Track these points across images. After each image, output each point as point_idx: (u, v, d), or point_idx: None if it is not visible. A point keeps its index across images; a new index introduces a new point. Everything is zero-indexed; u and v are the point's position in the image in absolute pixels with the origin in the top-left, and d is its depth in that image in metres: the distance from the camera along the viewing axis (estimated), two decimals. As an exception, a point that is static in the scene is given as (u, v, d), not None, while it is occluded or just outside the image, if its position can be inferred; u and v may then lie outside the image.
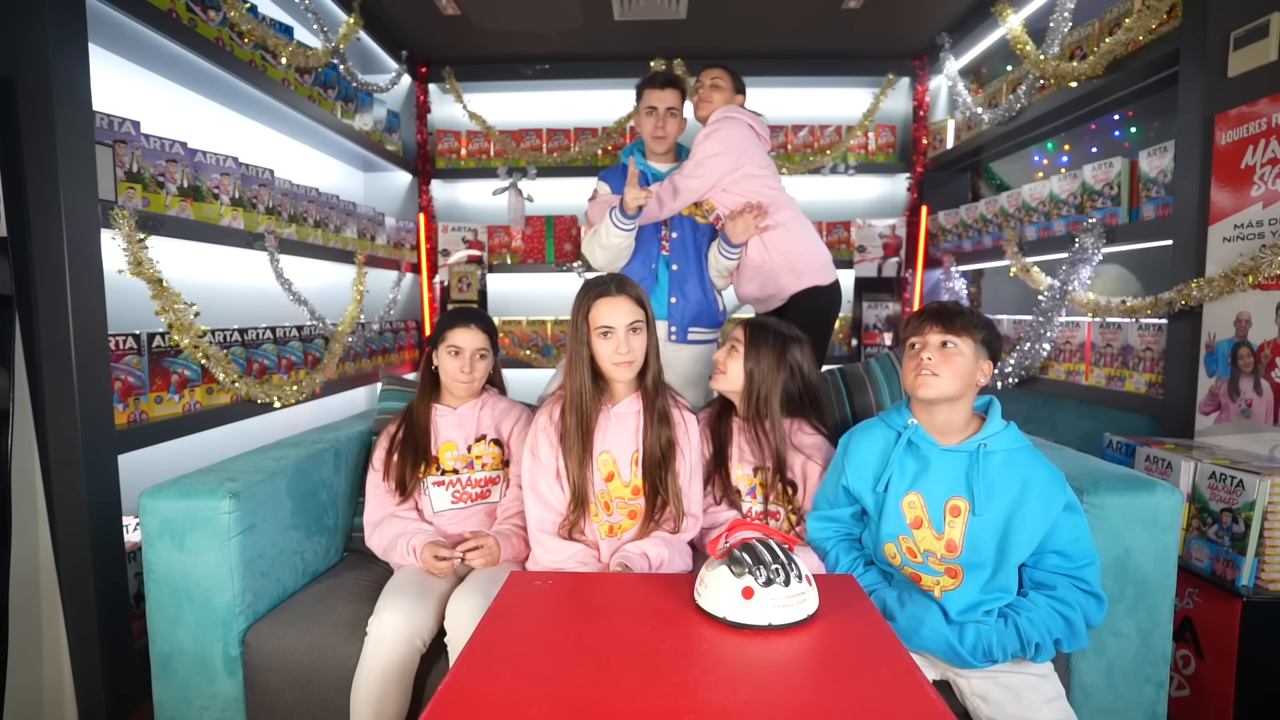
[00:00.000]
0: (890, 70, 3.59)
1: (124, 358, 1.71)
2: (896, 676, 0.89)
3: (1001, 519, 1.23)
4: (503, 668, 0.90)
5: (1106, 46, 2.16)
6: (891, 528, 1.30)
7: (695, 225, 2.15)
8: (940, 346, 1.26)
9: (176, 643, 1.36)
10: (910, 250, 3.58)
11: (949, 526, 1.25)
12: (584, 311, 1.43)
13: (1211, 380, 1.80)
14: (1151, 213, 2.08)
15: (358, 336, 2.88)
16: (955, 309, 1.28)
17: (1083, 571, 1.22)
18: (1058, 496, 1.22)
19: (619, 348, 1.40)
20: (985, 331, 1.27)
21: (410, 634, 1.31)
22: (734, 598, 1.02)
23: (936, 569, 1.26)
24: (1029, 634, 1.19)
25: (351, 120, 2.98)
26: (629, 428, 1.47)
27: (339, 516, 1.72)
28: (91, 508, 1.55)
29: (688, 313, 2.12)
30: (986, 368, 1.28)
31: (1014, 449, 1.27)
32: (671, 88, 2.11)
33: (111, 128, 1.73)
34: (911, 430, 1.30)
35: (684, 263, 2.13)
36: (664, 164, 2.19)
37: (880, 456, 1.34)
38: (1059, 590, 1.22)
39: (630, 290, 1.43)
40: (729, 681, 0.88)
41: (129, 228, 1.67)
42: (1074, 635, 1.20)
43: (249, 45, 2.22)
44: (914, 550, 1.28)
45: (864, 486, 1.35)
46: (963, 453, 1.27)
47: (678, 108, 2.12)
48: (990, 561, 1.23)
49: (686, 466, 1.47)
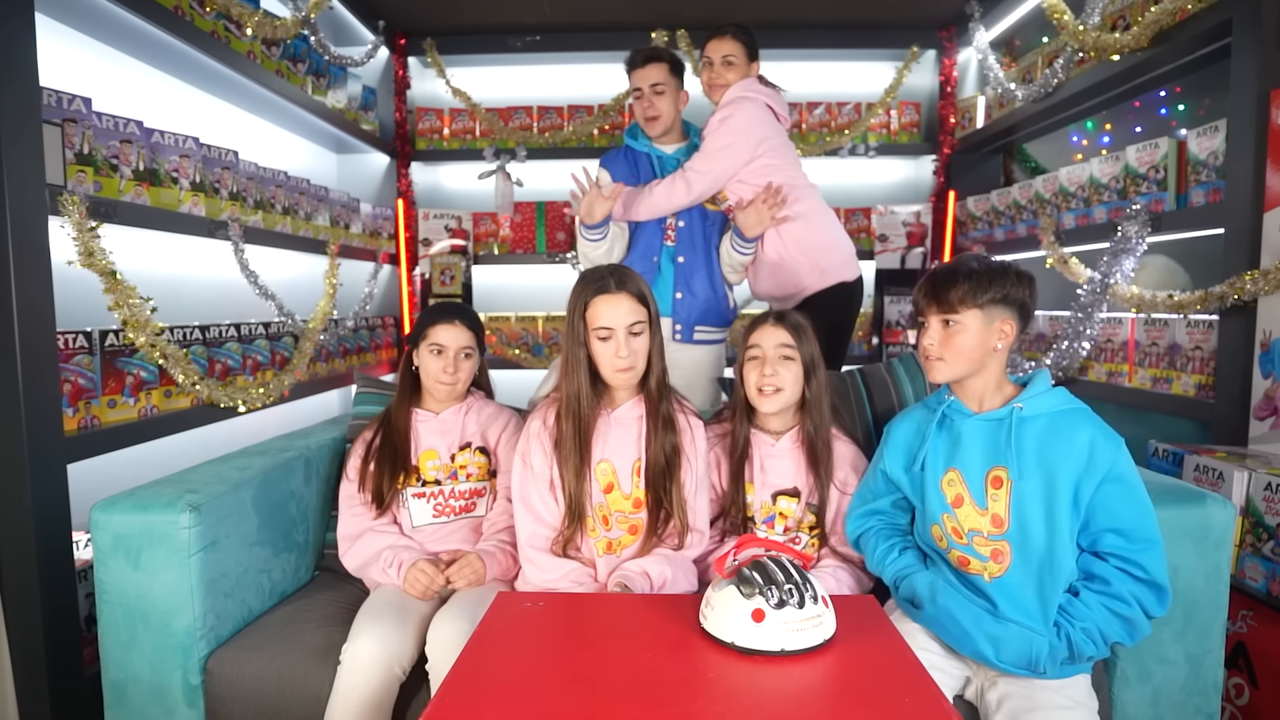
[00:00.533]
0: (914, 42, 3.59)
1: (74, 358, 1.71)
2: (921, 707, 0.89)
3: (1046, 485, 1.24)
4: (489, 698, 0.91)
5: (1152, 16, 2.15)
6: (935, 509, 1.33)
7: (705, 213, 2.13)
8: (943, 326, 1.29)
9: (131, 670, 1.36)
10: (937, 239, 3.59)
11: (992, 500, 1.28)
12: (581, 309, 1.42)
13: (1267, 383, 1.80)
14: (1201, 198, 2.08)
15: (330, 334, 2.88)
16: (950, 278, 1.28)
17: (1141, 556, 1.21)
18: (1103, 458, 1.22)
19: (618, 351, 1.39)
20: (994, 290, 1.27)
21: (389, 661, 1.31)
22: (743, 621, 1.02)
23: (982, 551, 1.28)
24: (1082, 648, 1.20)
25: (323, 97, 2.98)
26: (630, 434, 1.47)
27: (309, 532, 1.72)
28: (38, 522, 1.55)
29: (695, 310, 2.10)
30: (1009, 327, 1.28)
31: (1059, 411, 1.27)
32: (654, 62, 2.08)
33: (60, 105, 1.73)
34: (947, 405, 1.34)
35: (691, 255, 2.11)
36: (670, 145, 2.18)
37: (918, 435, 1.39)
38: (1113, 585, 1.21)
39: (632, 286, 1.42)
40: (737, 713, 0.88)
41: (79, 215, 1.67)
42: (1134, 632, 1.21)
43: (211, 15, 2.22)
44: (959, 530, 1.31)
45: (899, 468, 1.40)
46: (995, 420, 1.29)
47: (664, 83, 2.09)
48: (1041, 536, 1.23)
49: (693, 477, 1.47)
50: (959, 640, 1.25)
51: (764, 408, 1.51)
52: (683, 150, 2.17)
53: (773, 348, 1.49)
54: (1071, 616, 1.22)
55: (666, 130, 2.14)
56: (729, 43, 2.11)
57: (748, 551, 1.12)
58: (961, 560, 1.31)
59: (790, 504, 1.50)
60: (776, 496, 1.51)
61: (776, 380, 1.47)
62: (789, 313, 1.54)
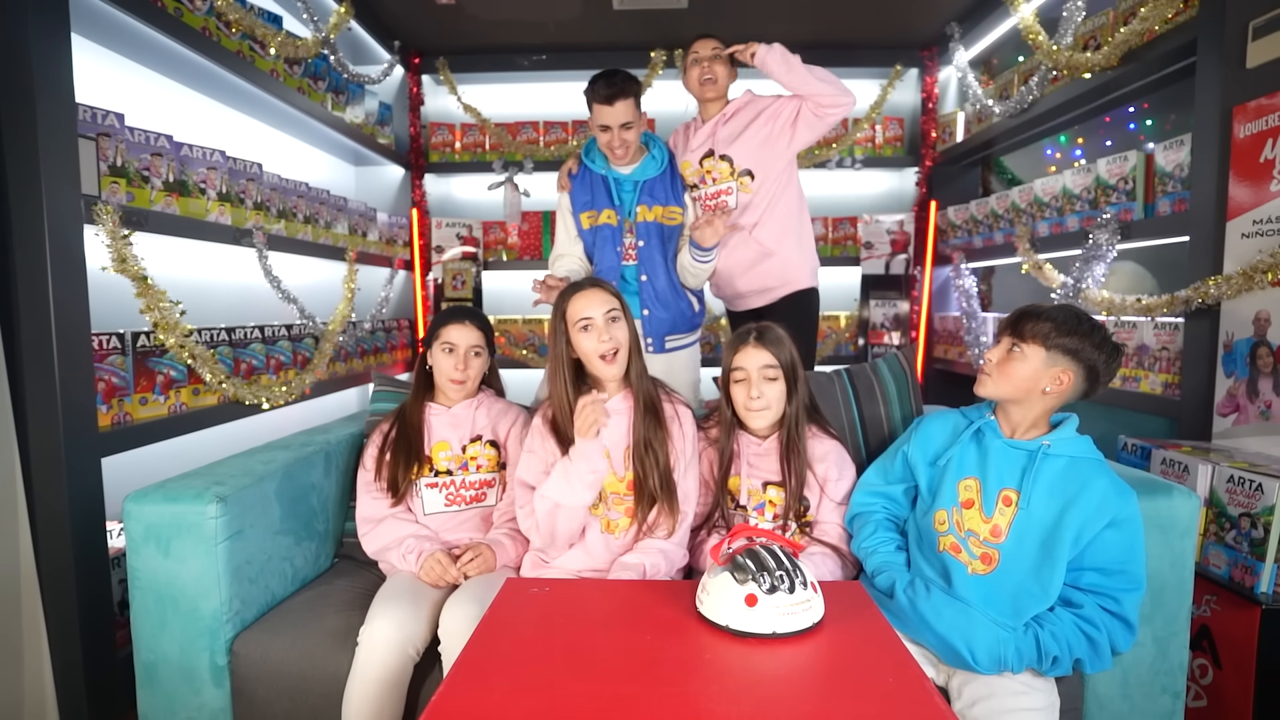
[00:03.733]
0: (898, 61, 3.59)
1: (107, 358, 1.71)
2: (904, 686, 0.89)
3: (1051, 520, 1.24)
4: (498, 677, 0.91)
5: (1121, 37, 2.16)
6: (946, 501, 1.34)
7: (662, 229, 2.06)
8: (1008, 349, 1.29)
9: (161, 652, 1.36)
10: (919, 246, 3.58)
11: (998, 513, 1.28)
12: (561, 312, 1.47)
13: (1230, 381, 1.80)
14: (1168, 208, 2.08)
15: (349, 336, 2.88)
16: (1037, 313, 1.28)
17: (1118, 594, 1.22)
18: (1110, 507, 1.22)
19: (600, 336, 1.43)
20: (1069, 340, 1.25)
21: (403, 642, 1.31)
22: (737, 605, 1.02)
23: (975, 550, 1.29)
24: (1048, 647, 1.19)
25: (342, 113, 2.98)
26: (622, 423, 1.50)
27: (329, 521, 1.72)
28: (74, 513, 1.55)
29: (663, 324, 2.07)
30: (1066, 378, 1.26)
31: (1080, 457, 1.27)
32: (622, 99, 1.93)
33: (95, 120, 1.73)
34: (985, 422, 1.35)
35: (653, 272, 2.04)
36: (627, 166, 2.07)
37: (949, 435, 1.40)
38: (1086, 609, 1.22)
39: (603, 285, 1.49)
40: (732, 692, 0.88)
41: (113, 223, 1.67)
42: (1097, 657, 1.21)
43: (236, 35, 2.22)
44: (960, 524, 1.31)
45: (923, 458, 1.41)
46: (1023, 450, 1.29)
47: (633, 120, 1.97)
48: (1031, 560, 1.23)
49: (682, 461, 1.49)
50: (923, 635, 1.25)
51: (753, 424, 1.51)
52: (639, 168, 2.06)
53: (756, 370, 1.48)
54: (1042, 621, 1.22)
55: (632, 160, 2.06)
56: (714, 40, 2.09)
57: (741, 540, 1.12)
58: (953, 547, 1.31)
59: (779, 493, 1.50)
60: (766, 485, 1.51)
61: (762, 401, 1.47)
62: (766, 328, 1.52)
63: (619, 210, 2.05)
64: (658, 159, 2.09)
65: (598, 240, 2.07)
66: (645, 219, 2.04)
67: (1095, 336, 1.25)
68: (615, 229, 2.05)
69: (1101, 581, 1.23)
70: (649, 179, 2.06)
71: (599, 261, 2.06)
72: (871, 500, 1.46)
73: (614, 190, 2.05)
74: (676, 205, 2.07)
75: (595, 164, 2.09)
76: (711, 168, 2.10)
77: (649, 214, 2.03)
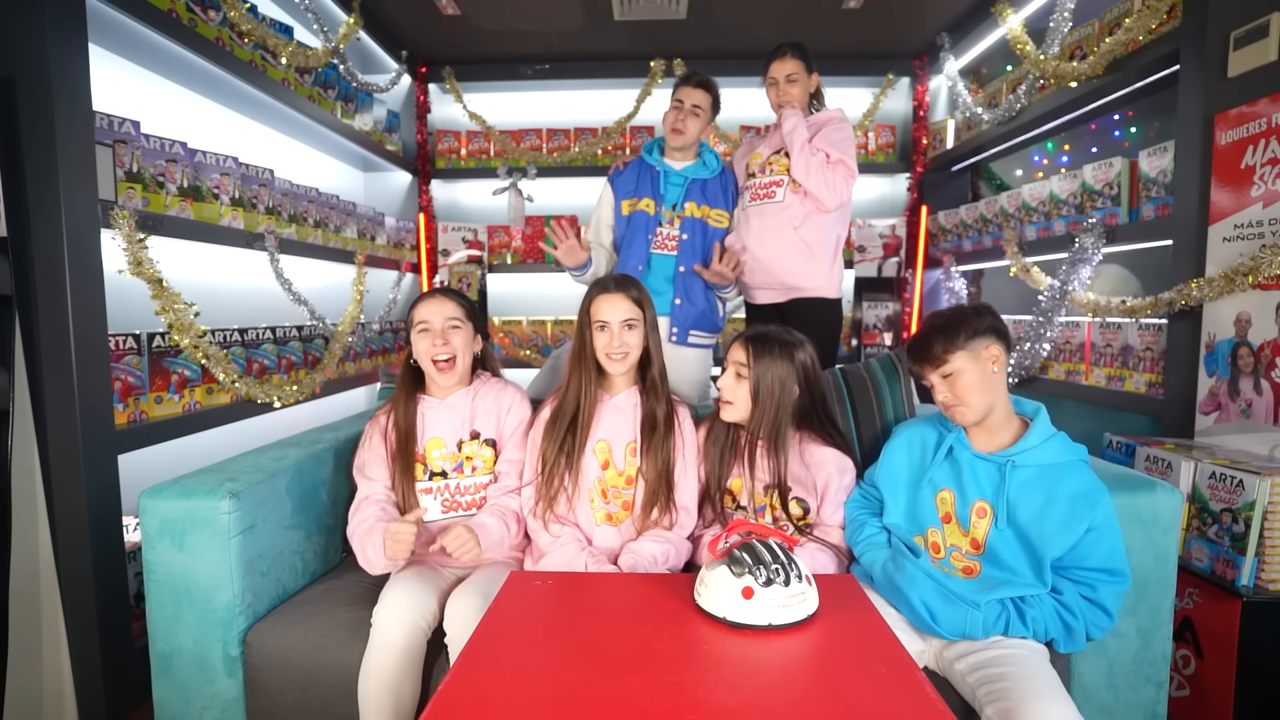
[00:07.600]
0: (890, 70, 3.59)
1: (124, 358, 1.71)
2: (897, 676, 0.89)
3: (1025, 531, 1.24)
4: (503, 668, 0.91)
5: (1106, 46, 2.16)
6: (925, 519, 1.34)
7: (706, 228, 2.12)
8: (943, 380, 1.29)
9: (176, 643, 1.36)
10: (910, 250, 3.58)
11: (974, 526, 1.28)
12: (585, 306, 1.52)
13: (1211, 380, 1.80)
14: (1151, 213, 2.08)
15: (358, 336, 2.88)
16: (925, 340, 1.30)
17: (1099, 584, 1.21)
18: (1083, 515, 1.21)
19: (612, 341, 1.47)
20: (963, 331, 1.27)
21: (414, 615, 1.29)
22: (734, 598, 1.02)
23: (957, 563, 1.29)
24: (1018, 630, 1.20)
25: (351, 120, 2.98)
26: (626, 419, 1.51)
27: (339, 517, 1.72)
28: (91, 508, 1.55)
29: (690, 315, 2.10)
30: (993, 351, 1.27)
31: (1050, 464, 1.26)
32: (703, 90, 2.09)
33: (111, 128, 1.73)
34: (954, 438, 1.34)
35: (691, 265, 2.10)
36: (680, 161, 2.16)
37: (920, 448, 1.40)
38: (1065, 596, 1.22)
39: (630, 291, 1.49)
40: (729, 682, 0.88)
41: (129, 228, 1.67)
42: (1071, 640, 1.21)
43: (249, 45, 2.22)
44: (939, 545, 1.31)
45: (890, 488, 1.40)
46: (993, 463, 1.28)
47: (704, 108, 2.10)
48: (1012, 566, 1.24)
49: (682, 461, 1.49)
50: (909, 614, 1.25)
51: (724, 416, 1.50)
52: (690, 168, 2.15)
53: (732, 365, 1.48)
54: (1023, 603, 1.22)
55: (685, 146, 2.13)
56: (790, 62, 2.07)
57: (738, 534, 1.12)
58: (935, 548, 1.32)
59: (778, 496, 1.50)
60: (767, 489, 1.51)
61: (728, 395, 1.48)
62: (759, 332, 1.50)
63: (659, 201, 2.13)
64: (710, 165, 2.18)
65: (631, 226, 2.13)
66: (692, 214, 2.12)
67: (968, 312, 1.30)
68: (650, 217, 2.12)
69: (1085, 574, 1.23)
70: (700, 178, 2.15)
71: (627, 249, 2.11)
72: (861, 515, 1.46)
73: (660, 182, 2.14)
74: (725, 210, 2.16)
75: (652, 157, 2.19)
76: (775, 161, 2.11)
77: (697, 211, 2.12)
